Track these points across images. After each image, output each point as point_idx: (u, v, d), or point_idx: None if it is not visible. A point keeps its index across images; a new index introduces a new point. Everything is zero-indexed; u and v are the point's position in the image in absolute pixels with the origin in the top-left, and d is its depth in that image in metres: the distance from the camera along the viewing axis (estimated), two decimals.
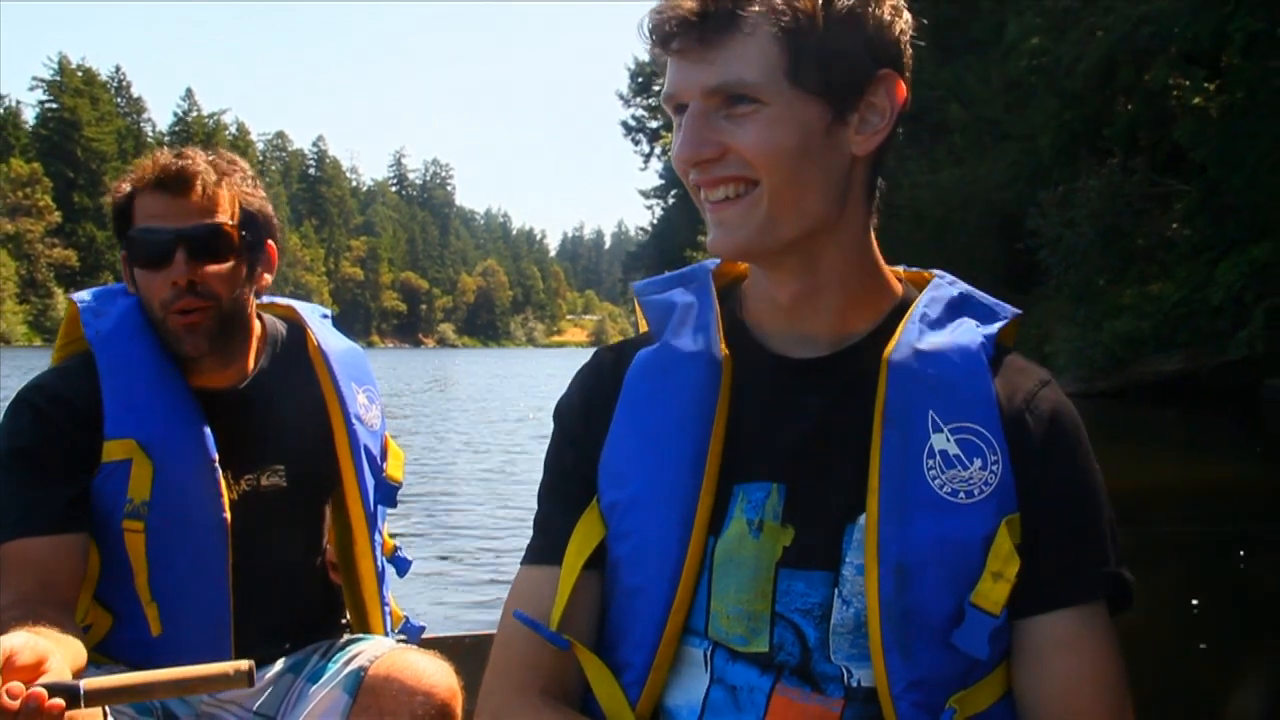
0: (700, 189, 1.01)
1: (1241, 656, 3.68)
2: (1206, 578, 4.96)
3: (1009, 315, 1.08)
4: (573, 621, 1.04)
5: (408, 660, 1.58)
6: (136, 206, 1.56)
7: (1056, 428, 1.02)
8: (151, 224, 1.54)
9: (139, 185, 1.56)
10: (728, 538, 1.02)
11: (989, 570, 0.96)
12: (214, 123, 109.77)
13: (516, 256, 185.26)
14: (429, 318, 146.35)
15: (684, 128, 0.98)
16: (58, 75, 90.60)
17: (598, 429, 1.08)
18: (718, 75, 0.96)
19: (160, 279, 1.54)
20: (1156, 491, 7.37)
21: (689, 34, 0.96)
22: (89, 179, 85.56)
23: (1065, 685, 0.98)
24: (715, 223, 1.00)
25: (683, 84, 0.98)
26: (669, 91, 1.00)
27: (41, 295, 77.91)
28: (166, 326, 1.55)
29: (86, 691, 1.06)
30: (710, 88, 0.97)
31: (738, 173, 0.98)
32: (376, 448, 1.75)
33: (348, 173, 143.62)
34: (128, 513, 1.49)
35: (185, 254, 1.53)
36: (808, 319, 1.05)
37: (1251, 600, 4.65)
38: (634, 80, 53.58)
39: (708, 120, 0.97)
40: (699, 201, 1.02)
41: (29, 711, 1.01)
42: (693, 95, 0.98)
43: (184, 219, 1.54)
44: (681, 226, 42.09)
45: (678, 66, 0.98)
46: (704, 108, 0.97)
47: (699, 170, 0.99)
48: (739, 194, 0.98)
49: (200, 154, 1.59)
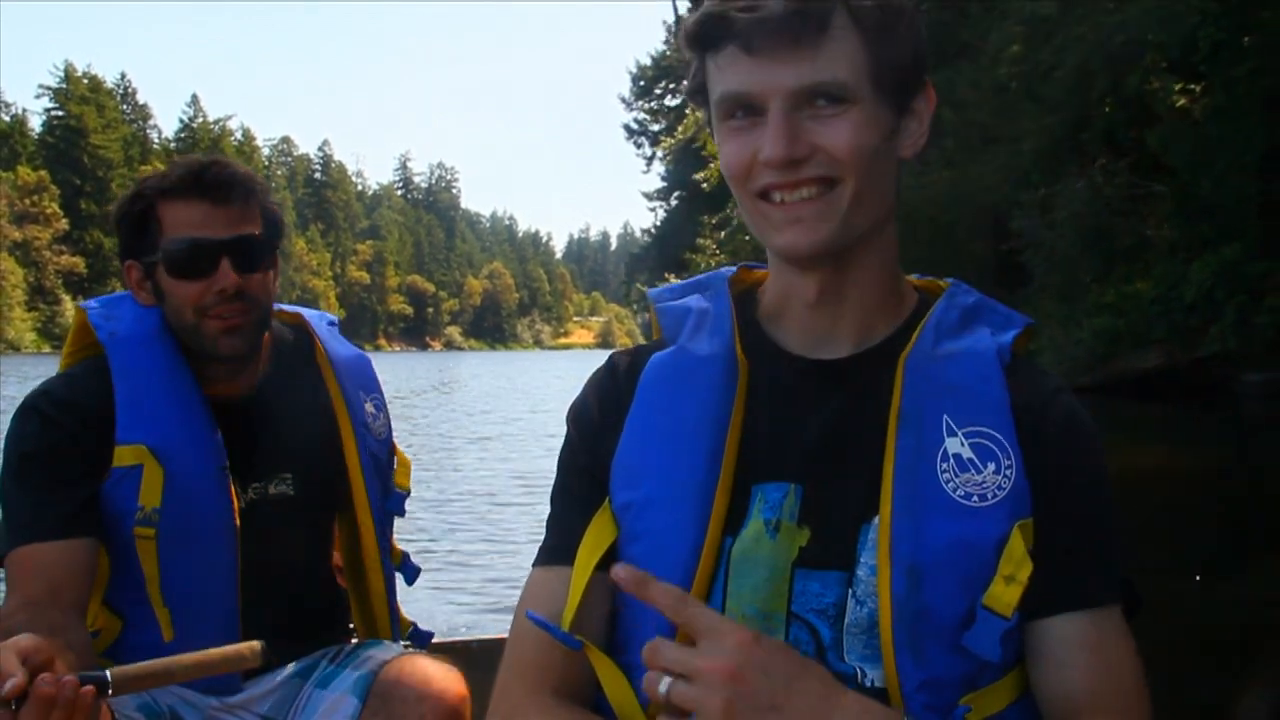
0: (775, 191, 0.99)
1: (1241, 656, 3.70)
2: (1206, 576, 4.99)
3: (1022, 324, 1.09)
4: (585, 622, 1.04)
5: (416, 666, 1.59)
6: (165, 214, 1.53)
7: (1070, 433, 1.02)
8: (194, 233, 1.52)
9: (165, 192, 1.54)
10: (745, 537, 1.03)
11: (1001, 574, 0.96)
12: (219, 129, 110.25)
13: (522, 259, 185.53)
14: (436, 321, 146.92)
15: (773, 127, 0.96)
16: (64, 83, 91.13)
17: (611, 431, 1.09)
18: (811, 75, 0.96)
19: (199, 287, 1.53)
20: (1140, 481, 7.40)
21: (779, 34, 0.95)
22: (96, 186, 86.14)
23: (1085, 685, 0.98)
24: (791, 220, 0.99)
25: (765, 84, 0.96)
26: (740, 90, 0.98)
27: (50, 302, 78.56)
28: (201, 330, 1.55)
29: (114, 678, 1.07)
30: (802, 88, 0.96)
31: (823, 173, 0.97)
32: (384, 455, 1.76)
33: (353, 177, 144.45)
34: (139, 520, 1.49)
35: (231, 263, 1.53)
36: (833, 319, 1.06)
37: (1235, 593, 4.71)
38: (635, 83, 53.73)
39: (798, 120, 0.96)
40: (757, 205, 1.01)
41: (66, 699, 1.03)
42: (776, 95, 0.96)
43: (228, 228, 1.53)
44: (682, 229, 42.41)
45: (757, 66, 0.96)
46: (790, 107, 0.96)
47: (784, 171, 0.97)
48: (820, 193, 0.98)
49: (231, 161, 1.60)
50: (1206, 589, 4.83)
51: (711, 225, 34.09)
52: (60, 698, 1.02)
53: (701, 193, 33.94)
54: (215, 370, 1.59)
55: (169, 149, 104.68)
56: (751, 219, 1.03)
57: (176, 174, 1.54)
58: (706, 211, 35.29)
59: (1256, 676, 3.36)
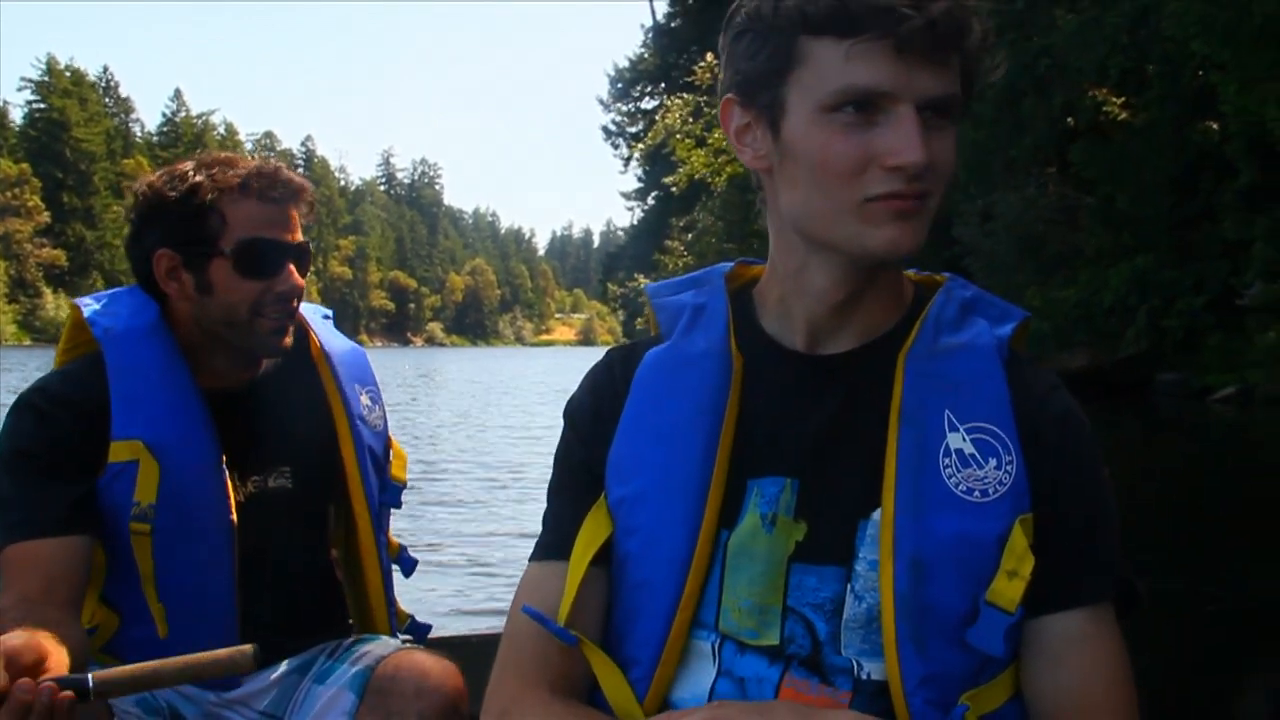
0: (891, 199, 0.95)
1: (1241, 657, 3.72)
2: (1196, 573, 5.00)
3: (1020, 317, 1.09)
4: (581, 617, 1.05)
5: (414, 660, 1.59)
6: (232, 211, 1.54)
7: (1068, 430, 1.03)
8: (267, 234, 1.55)
9: (236, 190, 1.54)
10: (741, 531, 1.03)
11: (1003, 569, 0.97)
12: (202, 123, 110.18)
13: (505, 255, 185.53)
14: (417, 317, 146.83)
15: (912, 132, 0.93)
16: (46, 76, 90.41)
17: (607, 426, 1.09)
18: (947, 85, 0.95)
19: (261, 286, 1.55)
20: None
21: (938, 38, 0.93)
22: (78, 179, 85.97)
23: (1078, 682, 0.99)
24: (895, 221, 0.96)
25: (906, 85, 0.93)
26: (873, 86, 0.93)
27: (30, 295, 78.71)
28: (253, 327, 1.57)
29: (95, 683, 1.05)
30: (938, 96, 0.95)
31: (927, 184, 0.96)
32: (380, 449, 1.77)
33: (336, 172, 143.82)
34: (134, 515, 1.50)
35: (294, 267, 1.58)
36: (845, 316, 1.05)
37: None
38: (613, 86, 54.41)
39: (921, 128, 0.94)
40: (863, 206, 0.96)
41: (41, 706, 1.02)
42: (913, 99, 0.94)
43: (292, 233, 1.58)
44: (657, 230, 42.85)
45: (902, 65, 0.93)
46: (917, 113, 0.94)
47: (910, 179, 0.95)
48: (921, 207, 0.97)
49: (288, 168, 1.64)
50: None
51: (680, 228, 34.72)
52: (37, 703, 1.03)
53: (674, 195, 34.71)
54: (214, 365, 1.61)
55: (151, 143, 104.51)
56: (836, 216, 0.98)
57: (249, 174, 1.56)
58: (677, 214, 35.83)
59: (1256, 675, 3.36)
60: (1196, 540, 5.81)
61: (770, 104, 0.99)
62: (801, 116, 0.97)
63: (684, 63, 39.04)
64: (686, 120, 31.22)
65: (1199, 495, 7.68)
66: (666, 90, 41.74)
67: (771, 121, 1.00)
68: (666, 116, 33.24)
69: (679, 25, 44.16)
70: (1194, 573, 4.86)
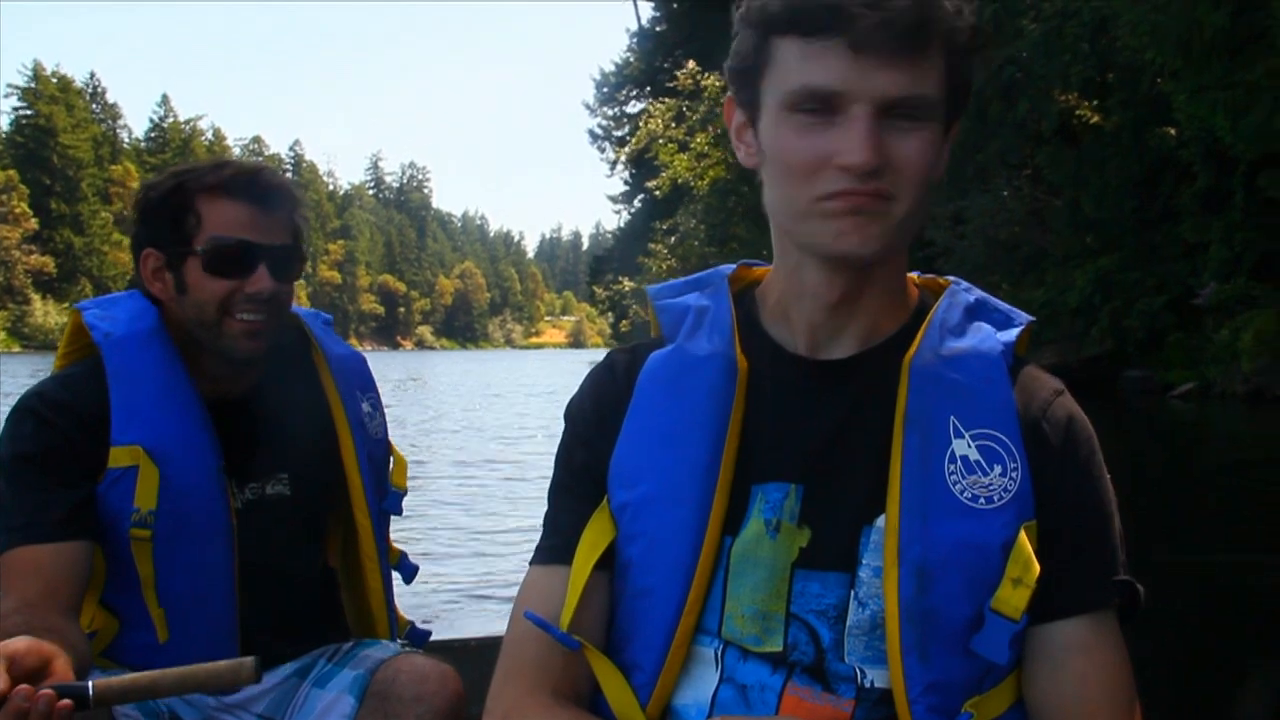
0: (844, 197, 0.95)
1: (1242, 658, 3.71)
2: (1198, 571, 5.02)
3: (1024, 322, 1.08)
4: (583, 622, 1.04)
5: (413, 665, 1.59)
6: (208, 210, 1.52)
7: (1072, 437, 1.03)
8: (239, 234, 1.52)
9: (213, 189, 1.53)
10: (745, 538, 1.02)
11: (1009, 576, 0.96)
12: (190, 129, 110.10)
13: (494, 258, 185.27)
14: (407, 320, 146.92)
15: (861, 133, 0.92)
16: (32, 82, 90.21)
17: (609, 430, 1.08)
18: (907, 86, 0.93)
19: (231, 286, 1.53)
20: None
21: (895, 39, 0.91)
22: (65, 186, 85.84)
23: (1079, 689, 0.99)
24: (849, 223, 0.95)
25: (860, 86, 0.92)
26: (828, 86, 0.93)
27: (19, 302, 78.79)
28: (221, 328, 1.54)
29: (95, 692, 1.06)
30: (897, 97, 0.93)
31: (884, 185, 0.95)
32: (381, 455, 1.77)
33: (324, 176, 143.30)
34: (134, 521, 1.50)
35: (268, 269, 1.54)
36: (845, 320, 1.04)
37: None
38: (599, 90, 54.79)
39: (878, 129, 0.93)
40: (817, 204, 0.96)
41: (40, 713, 1.02)
42: (868, 100, 0.93)
43: (270, 235, 1.55)
44: (642, 233, 43.00)
45: (857, 65, 0.92)
46: (876, 115, 0.93)
47: (860, 179, 0.94)
48: (877, 207, 0.95)
49: (276, 170, 1.61)
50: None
51: (663, 231, 34.89)
52: (34, 711, 1.03)
53: (658, 198, 35.07)
54: (212, 370, 1.60)
55: (139, 149, 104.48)
56: (798, 216, 0.99)
57: (227, 174, 1.55)
58: (661, 217, 36.02)
59: (1256, 674, 3.34)
60: (1162, 533, 5.77)
61: (750, 103, 1.02)
62: (771, 116, 0.99)
63: (669, 67, 39.34)
64: (669, 125, 31.67)
65: (1159, 487, 7.79)
66: (652, 94, 42.07)
67: (753, 120, 1.02)
68: (649, 121, 33.58)
69: (664, 30, 44.56)
70: (1164, 570, 4.69)
